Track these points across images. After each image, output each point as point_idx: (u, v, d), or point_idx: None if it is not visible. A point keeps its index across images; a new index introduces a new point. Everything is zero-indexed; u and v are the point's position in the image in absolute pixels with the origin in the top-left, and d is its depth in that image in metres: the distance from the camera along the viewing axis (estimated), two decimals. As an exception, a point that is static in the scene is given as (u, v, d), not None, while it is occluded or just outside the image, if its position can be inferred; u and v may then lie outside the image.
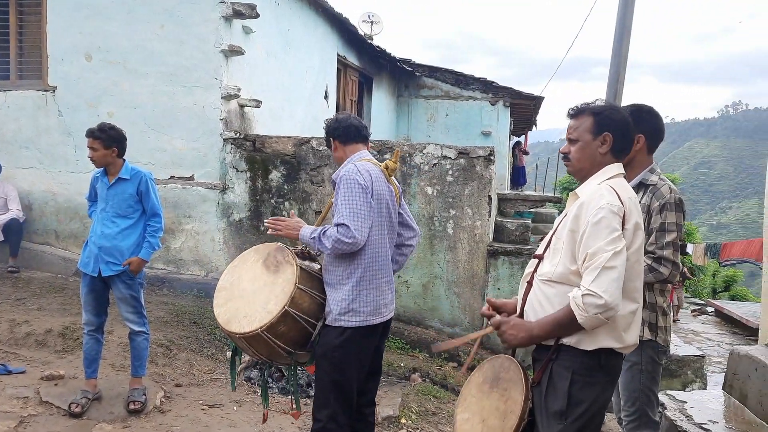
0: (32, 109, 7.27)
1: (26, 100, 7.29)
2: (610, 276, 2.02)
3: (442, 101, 14.08)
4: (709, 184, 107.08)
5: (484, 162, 6.44)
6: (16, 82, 7.46)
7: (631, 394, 2.76)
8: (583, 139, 2.32)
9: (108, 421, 4.07)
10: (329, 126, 3.19)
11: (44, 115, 7.24)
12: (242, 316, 2.83)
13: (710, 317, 13.08)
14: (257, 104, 7.19)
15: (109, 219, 4.13)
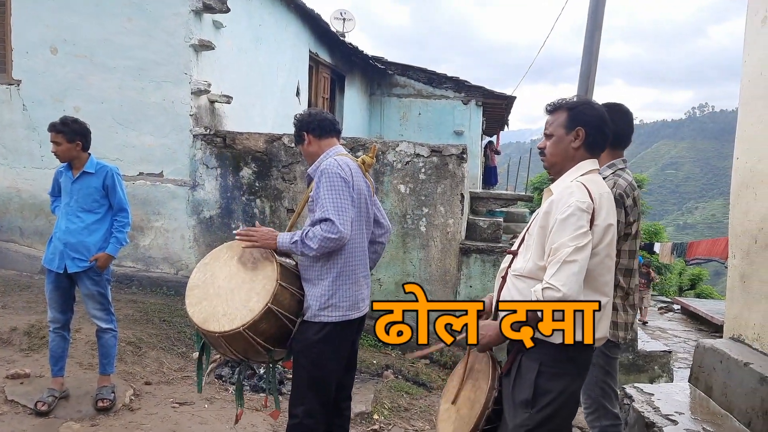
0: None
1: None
2: (570, 270, 2.07)
3: (414, 100, 14.14)
4: (676, 184, 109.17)
5: (457, 160, 6.50)
6: (-21, 76, 7.30)
7: (586, 387, 2.82)
8: (557, 133, 2.36)
9: (76, 420, 4.01)
10: (302, 120, 3.13)
11: (8, 109, 7.09)
12: (221, 314, 2.77)
13: (676, 315, 13.37)
14: (228, 100, 7.15)
15: (73, 214, 4.07)
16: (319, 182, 2.87)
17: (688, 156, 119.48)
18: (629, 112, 3.02)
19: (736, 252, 3.34)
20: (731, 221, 3.46)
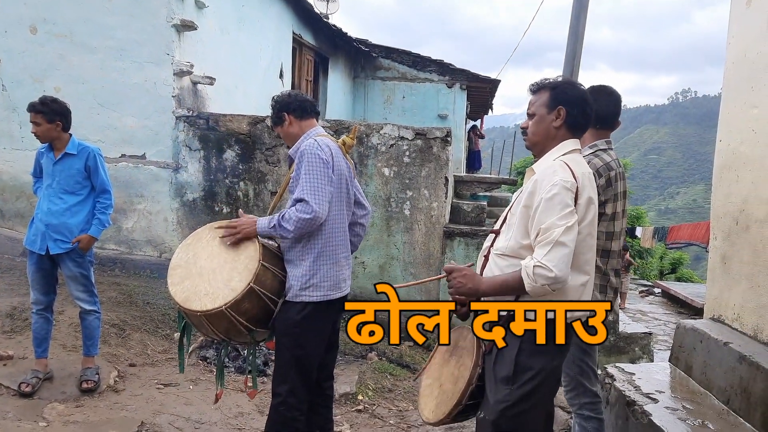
0: (-26, 84, 6.98)
1: (-33, 74, 7.00)
2: (561, 251, 2.09)
3: (399, 83, 14.09)
4: (659, 170, 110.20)
5: (441, 143, 6.50)
6: (-44, 56, 7.15)
7: (564, 366, 2.85)
8: (539, 113, 2.38)
9: (60, 401, 4.01)
10: (282, 101, 3.12)
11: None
12: (203, 293, 2.78)
13: (657, 298, 13.56)
14: (211, 81, 7.08)
15: (56, 195, 4.03)
16: (300, 163, 2.88)
17: (671, 141, 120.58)
18: (615, 94, 3.03)
19: (717, 234, 3.39)
20: (713, 203, 3.51)
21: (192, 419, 4.00)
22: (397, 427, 4.31)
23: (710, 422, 2.62)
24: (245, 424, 4.07)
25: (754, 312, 2.94)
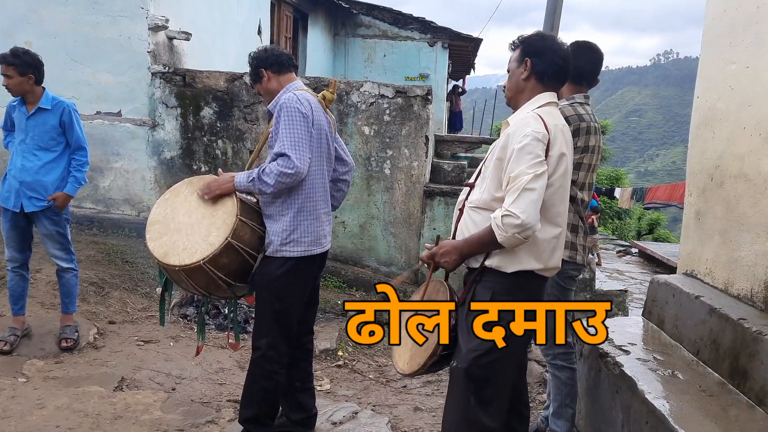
0: (-59, 38, 6.75)
1: (-66, 27, 6.76)
2: (528, 197, 2.11)
3: (380, 41, 13.89)
4: (639, 132, 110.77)
5: (422, 102, 6.45)
6: None
7: None
8: (511, 68, 2.44)
9: (39, 357, 4.02)
10: (259, 56, 3.06)
11: (-46, 44, 6.75)
12: (181, 248, 2.78)
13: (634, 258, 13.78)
14: (187, 37, 6.92)
15: (29, 152, 3.95)
16: (279, 117, 2.84)
17: (652, 103, 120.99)
18: (595, 50, 3.03)
19: (692, 190, 3.43)
20: (689, 160, 3.54)
21: (172, 374, 4.04)
22: (376, 382, 4.39)
23: (680, 372, 2.70)
24: (226, 378, 4.11)
25: (725, 266, 3.01)
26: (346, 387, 4.23)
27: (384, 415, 3.66)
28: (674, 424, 2.20)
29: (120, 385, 3.79)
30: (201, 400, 3.72)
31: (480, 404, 2.27)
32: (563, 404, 2.94)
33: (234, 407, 3.60)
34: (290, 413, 3.26)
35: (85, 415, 3.35)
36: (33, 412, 3.32)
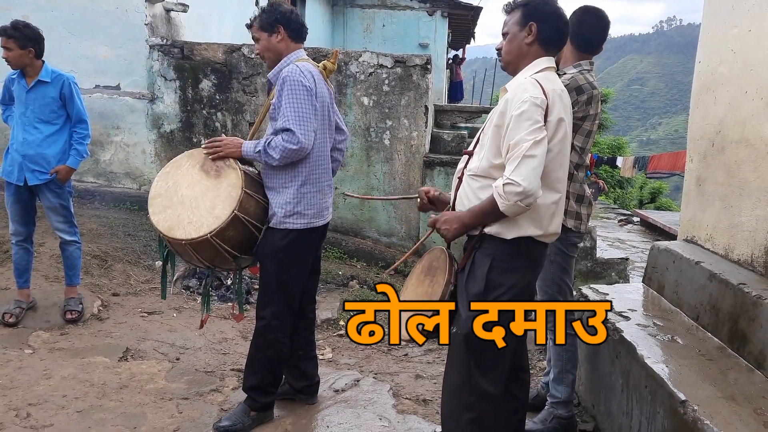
0: (-64, 12, 6.68)
1: (-72, 1, 6.68)
2: (529, 164, 2.11)
3: (378, 11, 13.71)
4: (642, 100, 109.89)
5: (421, 71, 6.41)
6: None
7: (543, 284, 2.94)
8: (512, 31, 2.37)
9: (45, 329, 4.06)
10: (284, 12, 2.94)
11: (-50, 18, 6.68)
12: (186, 222, 2.77)
13: (636, 227, 13.76)
14: (184, 9, 6.84)
15: (30, 125, 3.94)
16: (281, 90, 2.81)
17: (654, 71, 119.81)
18: (602, 16, 2.96)
19: (693, 156, 3.42)
20: (690, 126, 3.52)
21: (176, 345, 4.08)
22: (377, 350, 4.43)
23: (679, 337, 2.72)
24: (229, 348, 4.16)
25: (725, 232, 3.01)
26: (347, 356, 4.27)
27: (386, 383, 3.71)
28: (673, 387, 2.22)
29: (125, 356, 3.84)
30: (205, 370, 3.77)
31: (480, 370, 2.29)
32: (564, 370, 2.97)
33: (237, 376, 3.65)
34: (293, 381, 3.31)
35: (91, 384, 3.40)
36: (40, 382, 3.37)
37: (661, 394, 2.27)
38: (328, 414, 3.25)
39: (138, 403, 3.24)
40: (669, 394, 2.22)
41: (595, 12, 2.98)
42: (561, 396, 2.97)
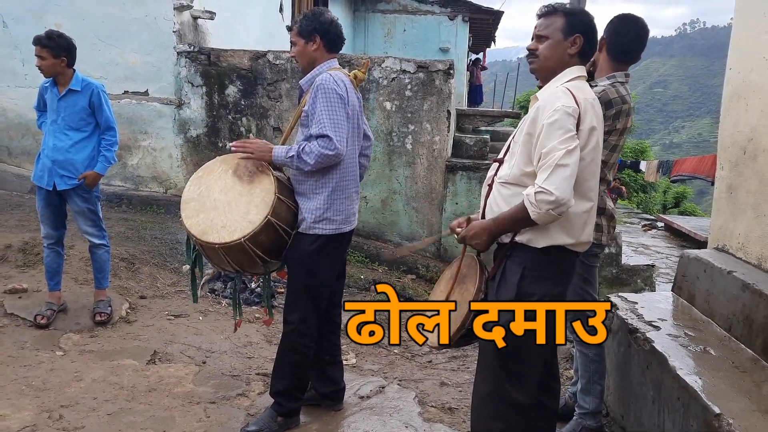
0: (-26, 21, 6.87)
1: (-33, 10, 6.88)
2: (562, 174, 2.10)
3: (399, 16, 13.76)
4: (664, 103, 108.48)
5: (444, 76, 6.41)
6: (-47, -9, 7.00)
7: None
8: (555, 37, 2.34)
9: (75, 331, 4.12)
10: (323, 21, 2.95)
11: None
12: (219, 226, 2.80)
13: (660, 232, 13.59)
14: (211, 16, 6.94)
15: (61, 131, 4.02)
16: (315, 97, 2.84)
17: (677, 74, 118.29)
18: (640, 25, 2.90)
19: (724, 164, 3.38)
20: (721, 133, 3.48)
21: (203, 348, 4.12)
22: (401, 356, 4.43)
23: (712, 348, 2.69)
24: (254, 352, 4.18)
25: (758, 241, 2.97)
26: (371, 361, 4.27)
27: (411, 390, 3.71)
28: (707, 400, 2.20)
29: (153, 359, 3.88)
30: (231, 374, 3.80)
31: (510, 379, 2.29)
32: (591, 381, 2.95)
33: (263, 380, 3.67)
34: (319, 386, 3.32)
35: (120, 387, 3.44)
36: (71, 384, 3.42)
37: (695, 407, 2.25)
38: (354, 421, 3.25)
39: (166, 407, 3.28)
40: (703, 407, 2.19)
41: (633, 20, 2.93)
42: (589, 407, 2.95)
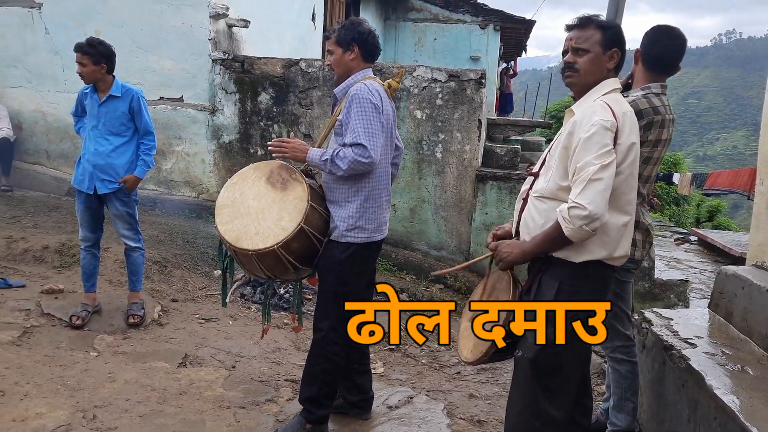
0: (18, 27, 7.10)
1: (12, 17, 7.12)
2: (595, 188, 2.08)
3: (430, 25, 13.79)
4: (698, 115, 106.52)
5: (475, 85, 6.40)
6: (1, -1, 7.24)
7: None
8: (595, 51, 2.31)
9: (108, 333, 4.20)
10: (362, 32, 3.00)
11: (31, 32, 7.06)
12: (253, 233, 2.84)
13: (693, 246, 13.34)
14: (245, 24, 7.04)
15: (101, 136, 4.12)
16: (350, 106, 2.87)
17: (712, 85, 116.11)
18: (679, 37, 2.86)
19: (765, 178, 3.30)
20: (761, 147, 3.40)
21: (232, 353, 4.16)
22: (429, 367, 4.42)
23: (750, 368, 2.62)
24: (283, 358, 4.21)
25: (798, 259, 2.90)
26: (399, 371, 4.27)
27: (439, 401, 3.69)
28: (745, 421, 2.15)
29: (184, 362, 3.93)
30: (260, 379, 3.83)
31: (546, 395, 2.27)
32: (624, 398, 2.90)
33: (291, 386, 3.70)
34: (347, 395, 3.33)
35: (152, 389, 3.49)
36: (105, 385, 3.48)
37: (732, 428, 2.20)
38: (382, 431, 3.25)
39: (197, 410, 3.32)
40: (741, 429, 2.14)
41: (668, 31, 2.89)
42: (621, 424, 2.91)
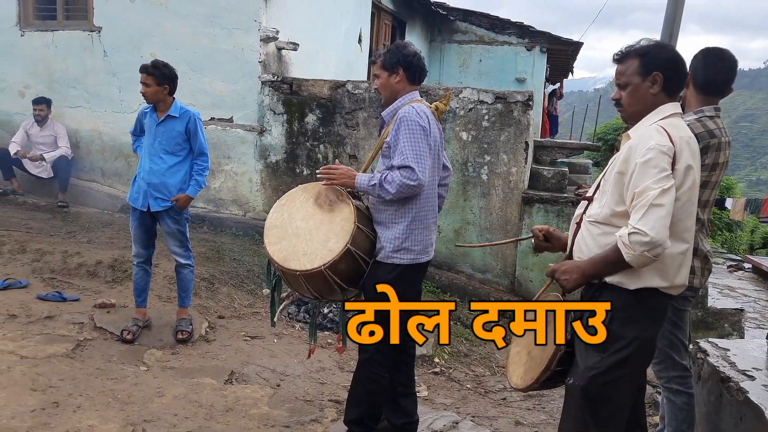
0: (79, 50, 7.40)
1: (73, 40, 7.43)
2: (657, 214, 2.04)
3: (476, 46, 13.79)
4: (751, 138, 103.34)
5: (522, 107, 6.37)
6: (63, 22, 7.58)
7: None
8: (633, 82, 2.29)
9: (158, 348, 4.29)
10: (407, 54, 3.04)
11: (90, 55, 7.36)
12: (301, 254, 2.87)
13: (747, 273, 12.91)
14: (294, 47, 7.19)
15: (157, 155, 4.25)
16: (398, 129, 2.89)
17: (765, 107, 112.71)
18: (725, 57, 2.84)
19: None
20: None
21: (277, 371, 4.19)
22: (474, 392, 4.36)
23: (810, 402, 2.52)
24: (327, 378, 4.22)
25: None
26: (443, 395, 4.23)
27: (485, 427, 3.64)
28: (808, 458, 2.06)
29: (230, 379, 3.98)
30: (304, 398, 3.84)
31: (597, 423, 2.21)
32: (679, 430, 2.81)
33: (336, 407, 3.70)
34: (392, 417, 3.30)
35: (199, 405, 3.54)
36: (153, 399, 3.55)
37: (795, 465, 2.11)
38: (427, 454, 3.22)
39: (243, 428, 3.35)
40: (805, 466, 2.05)
41: (717, 53, 2.87)
42: (675, 456, 2.81)
